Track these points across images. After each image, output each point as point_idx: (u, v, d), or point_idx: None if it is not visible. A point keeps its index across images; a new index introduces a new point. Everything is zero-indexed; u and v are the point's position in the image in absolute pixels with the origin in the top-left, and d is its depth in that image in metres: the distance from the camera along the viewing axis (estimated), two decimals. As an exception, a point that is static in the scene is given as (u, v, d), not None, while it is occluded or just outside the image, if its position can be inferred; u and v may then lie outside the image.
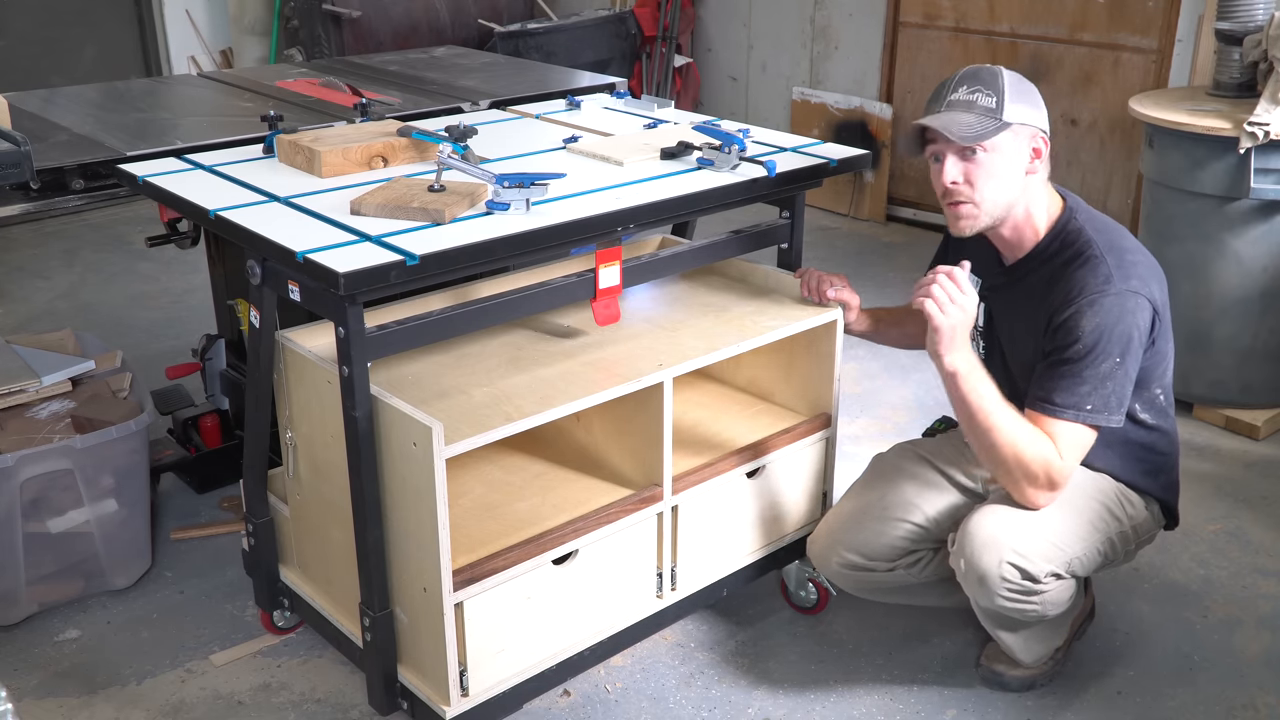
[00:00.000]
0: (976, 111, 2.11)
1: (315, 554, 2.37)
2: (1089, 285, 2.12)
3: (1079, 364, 2.10)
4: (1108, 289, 2.11)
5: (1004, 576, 2.15)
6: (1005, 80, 2.15)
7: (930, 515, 2.37)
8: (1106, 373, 2.10)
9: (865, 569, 2.37)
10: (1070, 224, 2.21)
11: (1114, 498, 2.30)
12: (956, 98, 2.13)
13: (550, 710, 2.39)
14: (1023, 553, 2.14)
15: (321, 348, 2.15)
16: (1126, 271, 2.13)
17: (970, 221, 2.19)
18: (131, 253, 5.19)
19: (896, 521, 2.36)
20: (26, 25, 6.32)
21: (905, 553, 2.36)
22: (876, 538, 2.35)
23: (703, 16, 6.48)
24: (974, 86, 2.13)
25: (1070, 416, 2.11)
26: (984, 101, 2.12)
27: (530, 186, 2.12)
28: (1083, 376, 2.10)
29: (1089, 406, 2.10)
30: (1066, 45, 4.94)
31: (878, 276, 4.89)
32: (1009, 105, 2.12)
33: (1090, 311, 2.10)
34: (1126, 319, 2.10)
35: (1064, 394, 2.11)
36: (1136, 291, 2.12)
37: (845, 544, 2.37)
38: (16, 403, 2.69)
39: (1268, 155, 3.25)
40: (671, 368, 2.22)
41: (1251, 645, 2.60)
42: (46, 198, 2.53)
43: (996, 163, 2.13)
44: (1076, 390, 2.10)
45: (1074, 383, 2.10)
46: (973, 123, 2.10)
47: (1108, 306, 2.10)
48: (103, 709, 2.40)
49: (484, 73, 3.60)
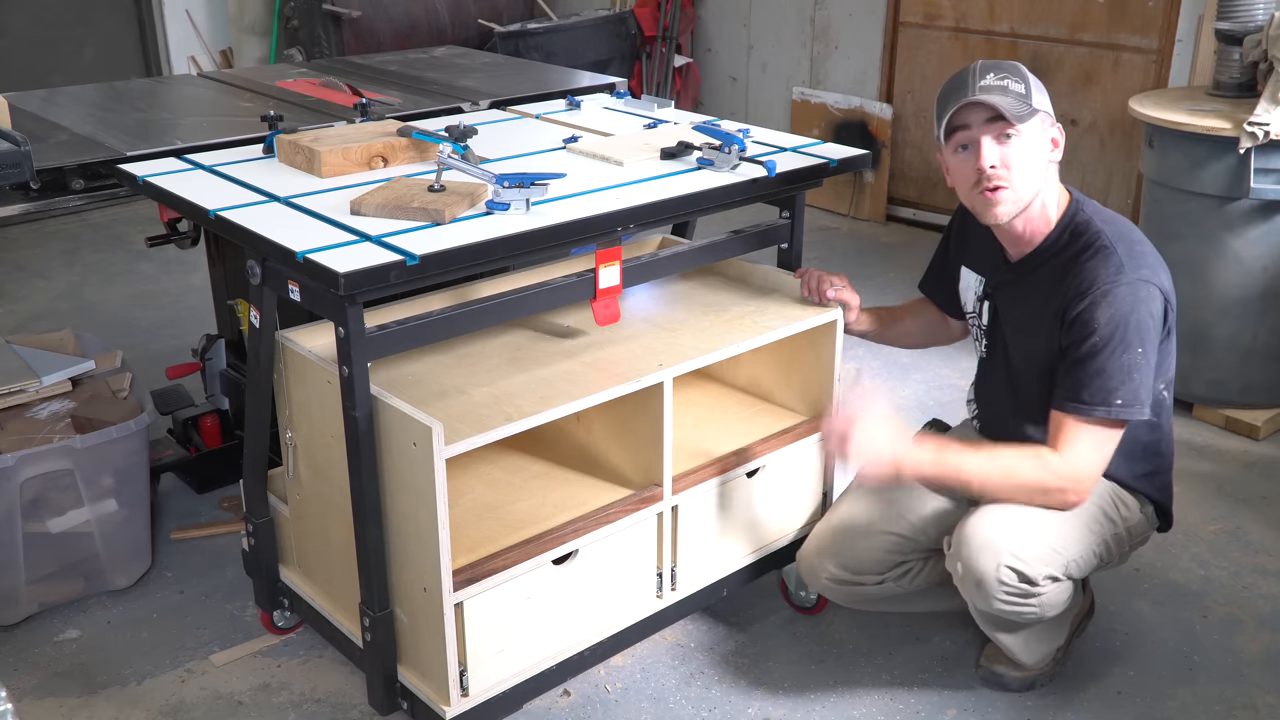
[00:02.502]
0: (1012, 96, 2.11)
1: (315, 554, 2.37)
2: (1101, 276, 2.11)
3: (1100, 357, 2.09)
4: (1120, 279, 2.10)
5: (1001, 580, 2.14)
6: (1025, 70, 2.15)
7: (916, 525, 2.36)
8: (1130, 364, 2.09)
9: (853, 583, 2.37)
10: (1078, 216, 2.21)
11: (1110, 500, 2.30)
12: (987, 83, 2.11)
13: (550, 710, 2.39)
14: (1020, 555, 2.14)
15: (321, 348, 2.15)
16: (1137, 261, 2.13)
17: (1007, 207, 2.16)
18: (131, 253, 5.19)
19: (881, 534, 2.35)
20: (26, 25, 6.32)
21: (893, 565, 2.36)
22: (863, 552, 2.35)
23: (703, 16, 6.49)
24: (1001, 74, 2.12)
25: (1101, 414, 2.09)
26: (1015, 87, 2.11)
27: (530, 186, 2.12)
28: (1107, 370, 2.09)
29: (1119, 401, 2.09)
30: (1066, 45, 4.94)
31: (878, 276, 4.89)
32: (1034, 93, 2.13)
33: (1105, 302, 2.09)
34: (1141, 308, 2.09)
35: (1091, 391, 2.10)
36: (1148, 280, 2.11)
37: (832, 559, 2.36)
38: (16, 403, 2.69)
39: (1268, 155, 3.25)
40: (671, 368, 2.22)
41: (1251, 645, 2.60)
42: (46, 198, 2.53)
43: (1028, 147, 2.13)
44: (1104, 386, 2.09)
45: (1100, 378, 2.09)
46: (1014, 104, 2.10)
47: (1122, 296, 2.09)
48: (103, 709, 2.40)
49: (484, 73, 3.60)
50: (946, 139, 2.18)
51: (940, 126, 2.17)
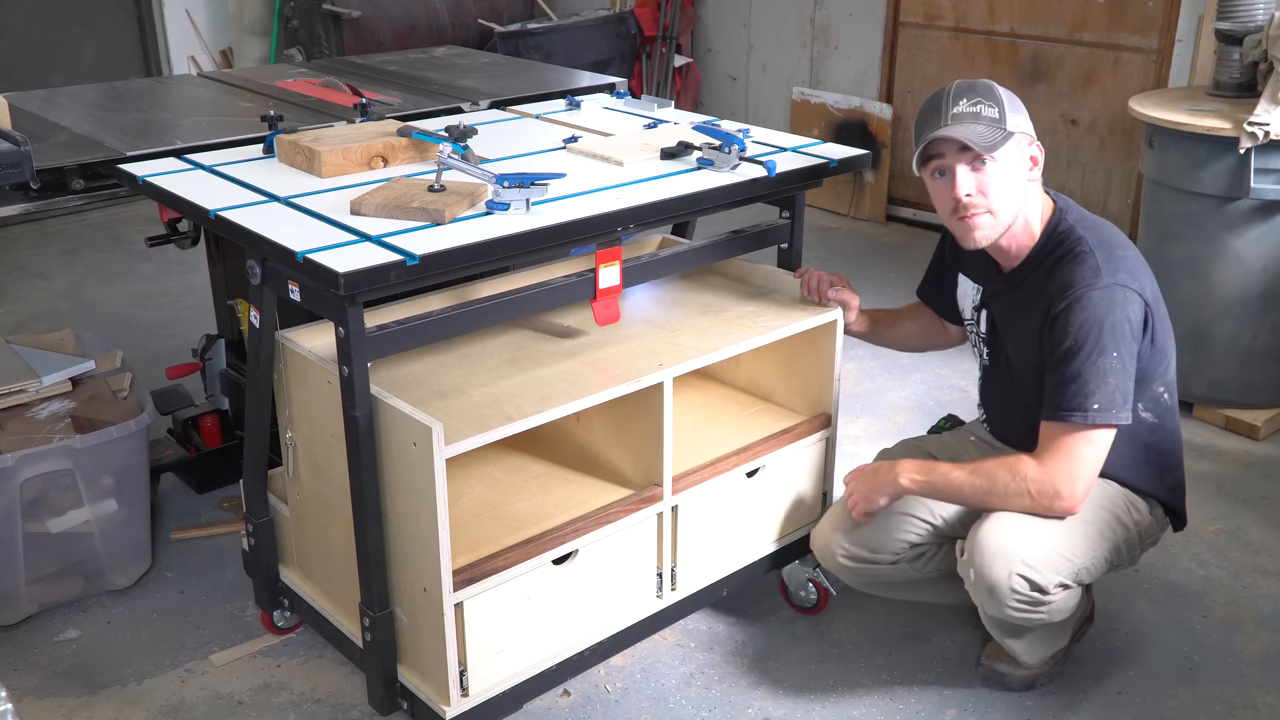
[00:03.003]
0: (984, 122, 2.11)
1: (315, 554, 2.37)
2: (1077, 280, 2.12)
3: (1075, 361, 2.10)
4: (1095, 283, 2.10)
5: (1013, 588, 2.15)
6: (1000, 91, 2.15)
7: (937, 511, 2.36)
8: (1105, 368, 2.09)
9: (869, 561, 2.37)
10: (1061, 224, 2.22)
11: (1122, 505, 2.30)
12: (960, 110, 2.12)
13: (550, 710, 2.39)
14: (1032, 564, 2.14)
15: (321, 348, 2.15)
16: (1115, 266, 2.13)
17: (985, 231, 2.18)
18: (131, 253, 5.19)
19: (903, 516, 2.36)
20: (26, 25, 6.32)
21: (910, 546, 2.37)
22: (884, 532, 2.35)
23: (703, 16, 6.49)
24: (974, 99, 2.13)
25: (1078, 420, 2.10)
26: (988, 112, 2.11)
27: (530, 186, 2.12)
28: (1082, 375, 2.09)
29: (1095, 406, 2.09)
30: (1066, 45, 4.93)
31: (878, 277, 4.89)
32: (1009, 115, 2.13)
33: (1079, 307, 2.10)
34: (1116, 312, 2.10)
35: (1067, 396, 2.10)
36: (1125, 285, 2.11)
37: (850, 537, 2.37)
38: (16, 403, 2.69)
39: (1268, 155, 3.25)
40: (671, 368, 2.22)
41: (1251, 645, 2.60)
42: (46, 198, 2.53)
43: (1004, 172, 2.14)
44: (1080, 391, 2.09)
45: (1075, 383, 2.10)
46: (985, 133, 2.10)
47: (1095, 299, 2.09)
48: (103, 709, 2.40)
49: (484, 73, 3.60)
50: (923, 165, 2.20)
51: (916, 151, 2.18)
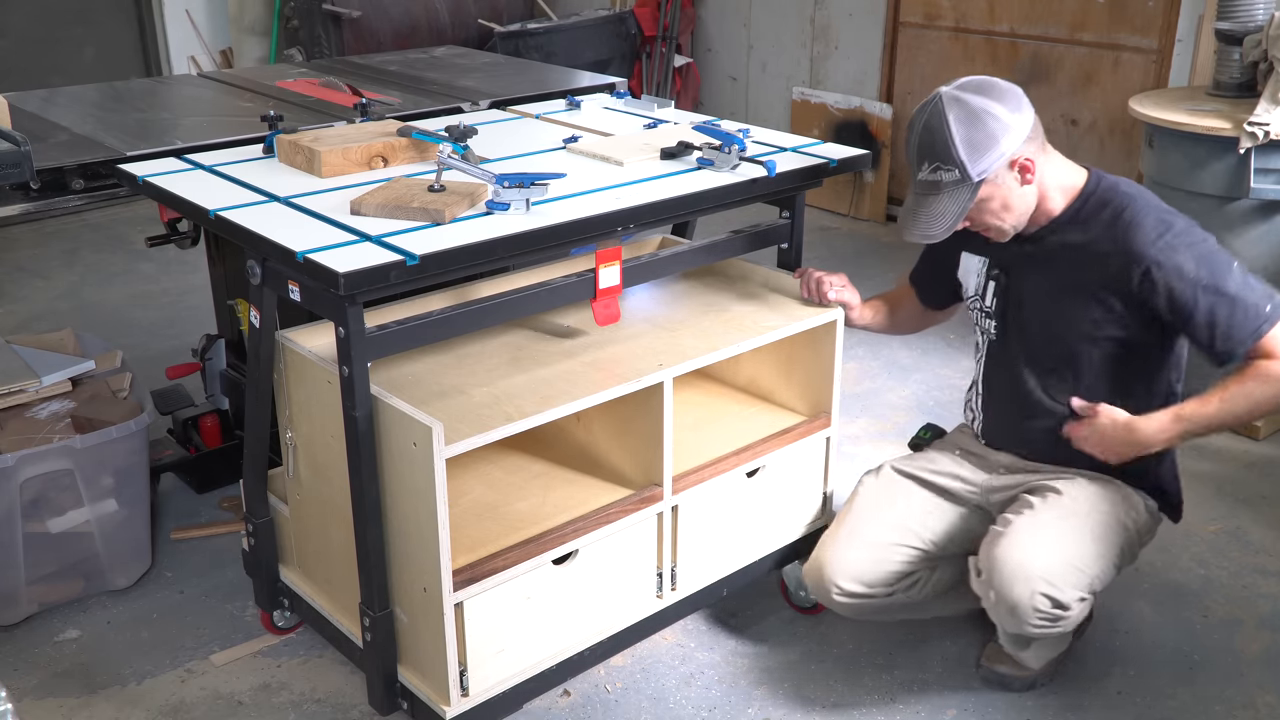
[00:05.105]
0: (945, 190, 2.12)
1: (315, 554, 2.37)
2: (1159, 231, 2.13)
3: (1225, 288, 2.09)
4: (1175, 223, 2.14)
5: (1036, 607, 2.15)
6: (955, 138, 2.08)
7: (928, 538, 2.37)
8: (1244, 274, 2.11)
9: (864, 596, 2.36)
10: (1103, 182, 2.23)
11: (1122, 505, 2.30)
12: (922, 177, 2.15)
13: (550, 710, 2.39)
14: (1053, 582, 2.14)
15: (321, 348, 2.15)
16: (1173, 211, 2.18)
17: (1005, 236, 2.24)
18: (131, 253, 5.19)
19: (893, 547, 2.36)
20: (26, 25, 6.32)
21: (903, 576, 2.36)
22: (874, 565, 2.35)
23: (703, 16, 6.49)
24: (932, 164, 2.12)
25: (1272, 315, 2.09)
26: (947, 177, 2.12)
27: (530, 186, 2.12)
28: (1239, 292, 2.10)
29: (1269, 304, 2.10)
30: (1066, 45, 4.93)
31: (877, 276, 4.88)
32: (970, 164, 2.09)
33: (1181, 248, 2.11)
34: (1209, 239, 2.14)
35: (1247, 312, 2.09)
36: (1193, 224, 2.17)
37: (842, 574, 2.35)
38: (16, 403, 2.69)
39: (1268, 155, 3.25)
40: (671, 368, 2.22)
41: (1251, 645, 2.60)
42: (46, 198, 2.53)
43: (996, 198, 2.16)
44: (1251, 301, 2.09)
45: (1242, 302, 2.09)
46: (945, 206, 2.13)
47: (1191, 238, 2.13)
48: (103, 709, 2.40)
49: (484, 73, 3.60)
50: None
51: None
